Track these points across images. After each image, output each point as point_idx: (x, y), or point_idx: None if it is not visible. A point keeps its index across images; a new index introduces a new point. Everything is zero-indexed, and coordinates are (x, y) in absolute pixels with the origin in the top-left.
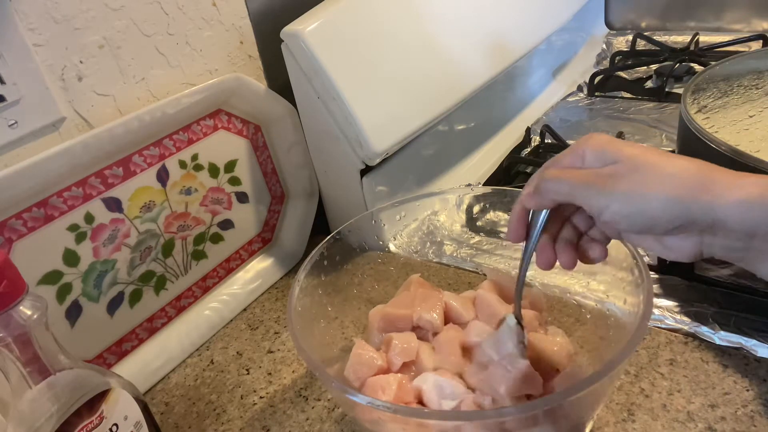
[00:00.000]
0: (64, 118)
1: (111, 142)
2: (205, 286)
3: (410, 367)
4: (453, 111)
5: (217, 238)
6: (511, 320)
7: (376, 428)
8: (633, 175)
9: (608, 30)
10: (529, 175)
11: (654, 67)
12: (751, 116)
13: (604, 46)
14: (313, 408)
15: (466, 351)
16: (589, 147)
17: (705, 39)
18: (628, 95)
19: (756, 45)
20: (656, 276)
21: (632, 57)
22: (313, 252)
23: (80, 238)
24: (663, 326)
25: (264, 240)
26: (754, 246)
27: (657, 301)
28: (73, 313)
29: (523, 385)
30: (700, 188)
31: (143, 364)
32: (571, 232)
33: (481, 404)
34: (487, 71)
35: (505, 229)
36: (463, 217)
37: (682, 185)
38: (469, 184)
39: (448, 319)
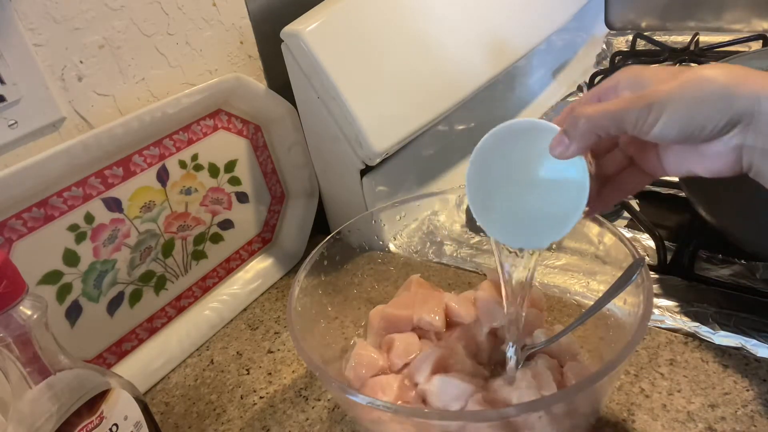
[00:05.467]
0: (64, 118)
1: (111, 142)
2: (205, 286)
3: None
4: (453, 111)
5: (217, 238)
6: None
7: (376, 428)
8: (676, 86)
9: (608, 30)
10: None
11: None
12: None
13: (604, 46)
14: (313, 408)
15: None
16: (622, 77)
17: (705, 39)
18: None
19: (756, 45)
20: (656, 276)
21: (632, 57)
22: (313, 252)
23: (80, 238)
24: (663, 326)
25: (264, 240)
26: None
27: (657, 301)
28: (73, 313)
29: None
30: (743, 79)
31: (143, 364)
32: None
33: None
34: (487, 71)
35: None
36: (463, 217)
37: (725, 80)
38: None
39: (448, 319)
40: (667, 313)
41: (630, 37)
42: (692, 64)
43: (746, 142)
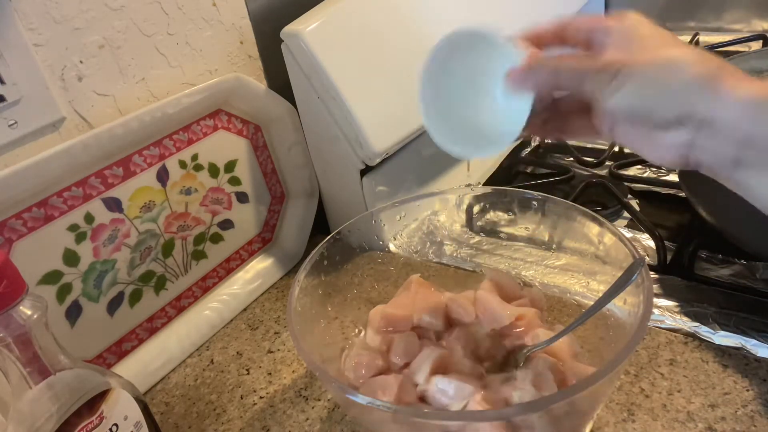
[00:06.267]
0: (64, 118)
1: (111, 142)
2: (205, 286)
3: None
4: None
5: (217, 238)
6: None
7: (376, 428)
8: (649, 62)
9: None
10: (530, 175)
11: None
12: None
13: None
14: (313, 408)
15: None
16: (616, 32)
17: (705, 39)
18: None
19: (756, 45)
20: (656, 276)
21: None
22: (313, 252)
23: (80, 238)
24: (663, 326)
25: (264, 240)
26: (746, 158)
27: (657, 301)
28: (73, 313)
29: None
30: (709, 79)
31: (143, 364)
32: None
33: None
34: None
35: (505, 229)
36: (463, 217)
37: (699, 74)
38: (469, 184)
39: (448, 319)
40: (667, 313)
41: None
42: None
43: (697, 142)
